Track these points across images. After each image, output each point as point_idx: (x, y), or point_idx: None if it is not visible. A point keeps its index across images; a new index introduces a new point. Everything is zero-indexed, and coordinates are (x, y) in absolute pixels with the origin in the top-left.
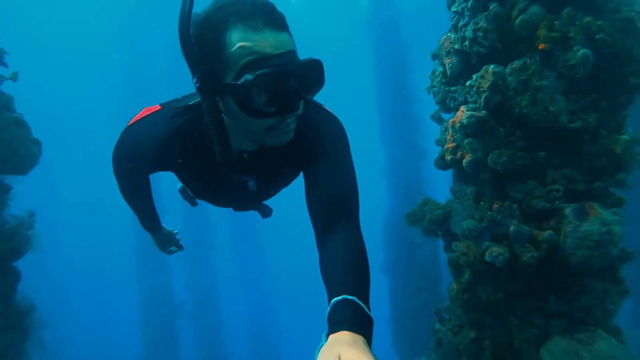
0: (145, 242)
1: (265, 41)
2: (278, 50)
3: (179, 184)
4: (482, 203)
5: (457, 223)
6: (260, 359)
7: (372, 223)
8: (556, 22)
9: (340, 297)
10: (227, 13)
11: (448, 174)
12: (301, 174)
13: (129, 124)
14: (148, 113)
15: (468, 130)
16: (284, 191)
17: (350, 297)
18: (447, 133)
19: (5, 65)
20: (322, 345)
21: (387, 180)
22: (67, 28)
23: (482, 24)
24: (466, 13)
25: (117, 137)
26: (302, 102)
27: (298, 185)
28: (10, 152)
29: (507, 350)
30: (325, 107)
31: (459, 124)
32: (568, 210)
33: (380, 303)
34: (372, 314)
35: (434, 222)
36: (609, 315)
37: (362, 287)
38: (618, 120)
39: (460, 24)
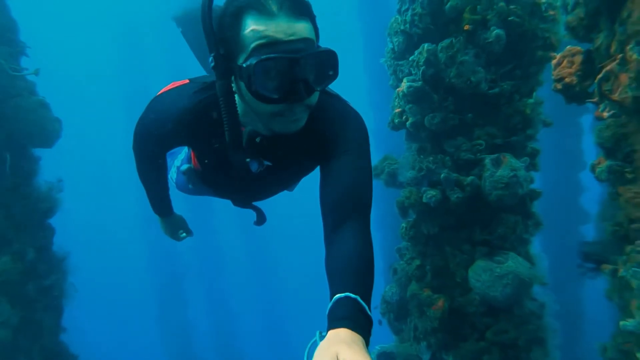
0: (149, 211)
1: (278, 27)
2: (289, 37)
3: (184, 166)
4: (421, 156)
5: (403, 174)
6: (266, 319)
7: None
8: (478, 7)
9: (343, 295)
10: None
11: None
12: (317, 167)
13: (155, 95)
14: (175, 86)
15: (408, 97)
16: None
17: (353, 296)
18: (396, 100)
19: (26, 55)
20: (314, 341)
21: (376, 142)
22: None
23: (418, 9)
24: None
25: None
26: (315, 93)
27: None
28: (40, 128)
29: (444, 272)
30: (349, 103)
31: (401, 93)
32: (487, 160)
33: (374, 256)
34: None
35: (391, 175)
36: (523, 242)
37: (365, 287)
38: (530, 85)
39: (403, 8)
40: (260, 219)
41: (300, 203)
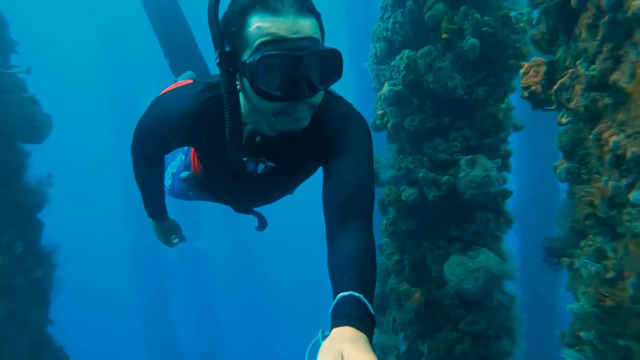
0: (135, 209)
1: (283, 24)
2: (294, 35)
3: (184, 173)
4: (401, 156)
5: (384, 172)
6: (251, 319)
7: None
8: (455, 17)
9: (347, 293)
10: None
11: None
12: (320, 168)
13: (158, 95)
14: (178, 86)
15: (389, 100)
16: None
17: (357, 294)
18: (378, 103)
19: (16, 52)
20: (316, 340)
21: None
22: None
23: (399, 18)
24: (389, 8)
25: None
26: (319, 92)
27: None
28: (31, 124)
29: (421, 266)
30: (352, 105)
31: (383, 96)
32: (462, 161)
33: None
34: None
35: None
36: (495, 239)
37: (368, 286)
38: (503, 91)
39: (385, 16)
40: (262, 224)
41: (287, 205)
